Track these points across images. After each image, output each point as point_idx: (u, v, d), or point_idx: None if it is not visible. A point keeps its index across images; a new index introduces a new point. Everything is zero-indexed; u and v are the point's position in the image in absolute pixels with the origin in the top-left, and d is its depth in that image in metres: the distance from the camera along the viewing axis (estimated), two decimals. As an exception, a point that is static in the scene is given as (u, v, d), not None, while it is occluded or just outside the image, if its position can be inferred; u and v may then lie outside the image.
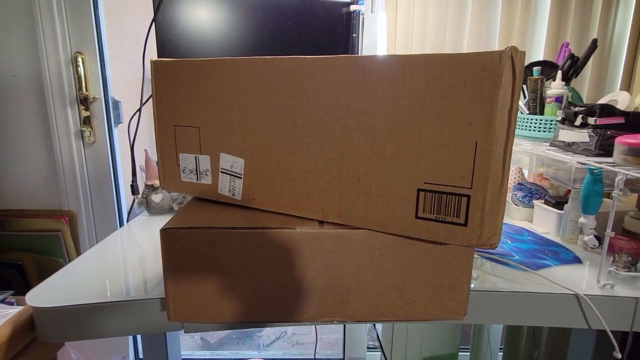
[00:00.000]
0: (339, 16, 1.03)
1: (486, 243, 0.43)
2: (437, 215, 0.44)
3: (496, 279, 0.65)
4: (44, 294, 0.58)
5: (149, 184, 0.96)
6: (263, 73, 0.50)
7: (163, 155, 0.61)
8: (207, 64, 0.54)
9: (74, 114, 1.18)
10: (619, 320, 0.62)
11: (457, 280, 0.50)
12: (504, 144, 0.40)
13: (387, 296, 0.51)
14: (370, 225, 0.48)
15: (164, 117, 0.59)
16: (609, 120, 0.72)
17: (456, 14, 1.17)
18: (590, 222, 0.69)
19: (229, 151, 0.55)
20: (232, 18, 0.98)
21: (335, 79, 0.46)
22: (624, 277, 0.64)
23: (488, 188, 0.41)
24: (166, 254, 0.50)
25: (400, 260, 0.50)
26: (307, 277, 0.51)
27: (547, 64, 1.01)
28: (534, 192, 0.97)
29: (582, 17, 1.16)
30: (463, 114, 0.41)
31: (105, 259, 0.70)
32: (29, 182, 1.22)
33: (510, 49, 0.38)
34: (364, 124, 0.45)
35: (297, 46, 1.02)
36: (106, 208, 1.27)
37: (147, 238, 0.82)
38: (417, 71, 0.42)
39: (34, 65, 1.14)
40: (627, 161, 0.64)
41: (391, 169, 0.45)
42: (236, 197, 0.56)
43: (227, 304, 0.52)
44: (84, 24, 1.13)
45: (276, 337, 1.75)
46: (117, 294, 0.58)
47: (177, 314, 0.52)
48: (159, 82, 0.58)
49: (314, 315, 0.53)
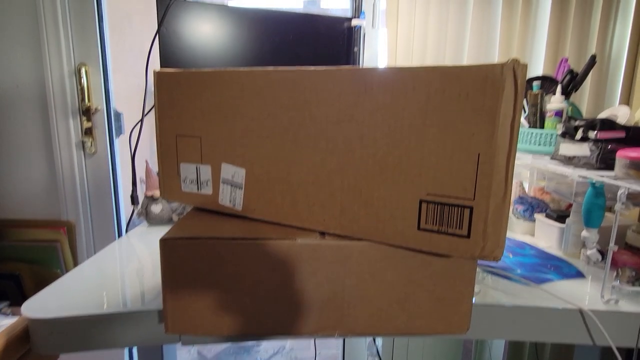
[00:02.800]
0: (340, 31, 1.05)
1: (489, 255, 0.42)
2: (439, 226, 0.44)
3: (498, 293, 0.64)
4: (40, 304, 0.57)
5: (149, 194, 0.96)
6: (265, 84, 0.50)
7: (164, 165, 0.60)
8: (209, 74, 0.54)
9: (76, 125, 1.19)
10: (624, 336, 0.61)
11: (460, 293, 0.49)
12: (506, 155, 0.40)
13: (389, 309, 0.51)
14: (372, 236, 0.48)
15: (166, 127, 0.59)
16: (609, 135, 0.72)
17: (456, 30, 1.18)
18: (593, 235, 0.69)
19: (230, 161, 0.55)
20: (235, 31, 0.99)
21: (337, 91, 0.46)
22: (628, 292, 0.63)
23: (491, 199, 0.41)
24: (165, 265, 0.50)
25: (402, 273, 0.49)
26: (308, 290, 0.50)
27: (546, 79, 1.02)
28: (535, 205, 0.97)
29: (580, 32, 1.18)
30: (465, 125, 0.41)
31: (102, 270, 0.69)
32: (28, 192, 1.21)
33: (512, 61, 0.38)
34: (366, 135, 0.45)
35: (299, 60, 1.03)
36: (105, 219, 1.26)
37: (146, 249, 0.81)
38: (419, 83, 0.42)
39: (38, 75, 1.15)
40: (628, 175, 0.64)
41: (393, 180, 0.45)
42: (237, 207, 0.56)
43: (225, 316, 0.51)
44: (88, 36, 1.14)
45: (274, 352, 1.72)
46: (114, 306, 0.57)
47: (174, 326, 0.52)
48: (161, 92, 0.58)
49: (314, 328, 0.52)
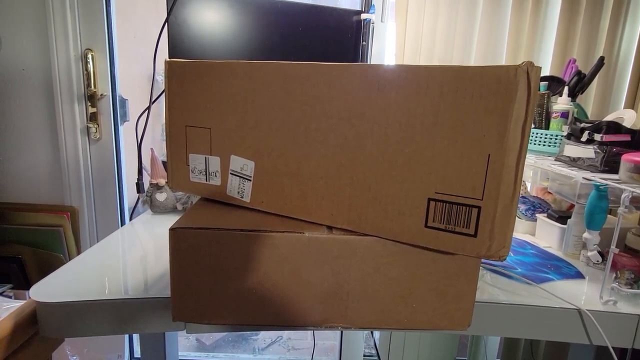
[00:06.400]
0: (349, 24, 1.04)
1: (495, 255, 0.43)
2: (446, 225, 0.44)
3: (497, 290, 0.65)
4: (48, 289, 0.58)
5: (153, 182, 0.96)
6: (277, 78, 0.50)
7: (173, 155, 0.61)
8: (221, 66, 0.54)
9: (81, 110, 1.19)
10: (621, 336, 0.62)
11: (463, 290, 0.50)
12: (516, 157, 0.41)
13: (392, 304, 0.51)
14: (379, 232, 0.48)
15: (176, 117, 0.59)
16: (615, 138, 0.73)
17: (465, 27, 1.18)
18: (595, 237, 0.70)
19: (239, 153, 0.55)
20: (244, 21, 0.99)
21: (349, 87, 0.46)
22: (626, 294, 0.64)
23: (499, 200, 0.41)
24: (174, 254, 0.50)
25: (406, 269, 0.50)
26: (313, 282, 0.51)
27: (553, 80, 1.02)
28: (537, 205, 0.98)
29: (589, 33, 1.18)
30: (477, 126, 0.41)
31: (108, 257, 0.70)
32: (32, 176, 1.22)
33: (526, 63, 0.38)
34: (377, 132, 0.46)
35: (307, 51, 1.02)
36: (108, 205, 1.27)
37: (150, 237, 0.82)
38: (432, 82, 0.42)
39: (44, 60, 1.14)
40: (632, 179, 0.64)
41: (403, 177, 0.45)
42: (245, 199, 0.57)
43: (231, 305, 0.52)
44: (95, 21, 1.14)
45: (272, 341, 1.74)
46: (120, 292, 0.58)
47: (181, 314, 0.52)
48: (172, 83, 0.58)
49: (318, 320, 0.53)
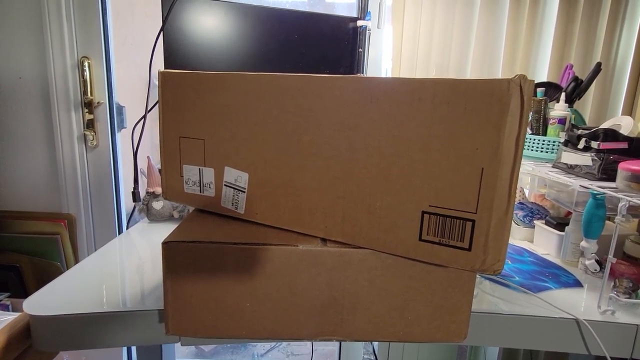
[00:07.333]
0: (345, 31, 1.04)
1: (489, 269, 0.43)
2: (440, 238, 0.44)
3: (495, 299, 0.64)
4: (42, 301, 0.58)
5: (150, 190, 0.96)
6: (270, 89, 0.50)
7: (167, 165, 0.60)
8: (215, 77, 0.54)
9: (78, 118, 1.18)
10: (619, 346, 0.61)
11: (458, 302, 0.50)
12: (510, 170, 0.40)
13: (387, 317, 0.51)
14: (373, 245, 0.48)
15: (170, 128, 0.59)
16: (612, 145, 0.72)
17: (461, 32, 1.18)
18: (592, 246, 0.69)
19: (233, 165, 0.55)
20: (240, 30, 0.99)
21: (343, 99, 0.46)
22: (624, 303, 0.64)
23: (493, 214, 0.41)
24: (167, 268, 0.50)
25: (401, 281, 0.49)
26: (308, 295, 0.51)
27: (550, 85, 1.01)
28: (534, 212, 0.97)
29: (586, 39, 1.18)
30: (470, 139, 0.41)
31: (104, 268, 0.70)
32: (29, 184, 1.22)
33: (519, 77, 0.38)
34: (371, 144, 0.45)
35: (303, 59, 1.02)
36: (106, 212, 1.27)
37: (147, 246, 0.81)
38: (425, 95, 0.42)
39: (40, 68, 1.14)
40: (629, 187, 0.64)
41: (396, 190, 0.45)
42: (239, 210, 0.56)
43: (225, 319, 0.52)
44: (91, 29, 1.14)
45: (271, 347, 1.74)
46: (115, 304, 0.58)
47: (175, 328, 0.52)
48: (165, 93, 0.58)
49: (313, 333, 0.52)
